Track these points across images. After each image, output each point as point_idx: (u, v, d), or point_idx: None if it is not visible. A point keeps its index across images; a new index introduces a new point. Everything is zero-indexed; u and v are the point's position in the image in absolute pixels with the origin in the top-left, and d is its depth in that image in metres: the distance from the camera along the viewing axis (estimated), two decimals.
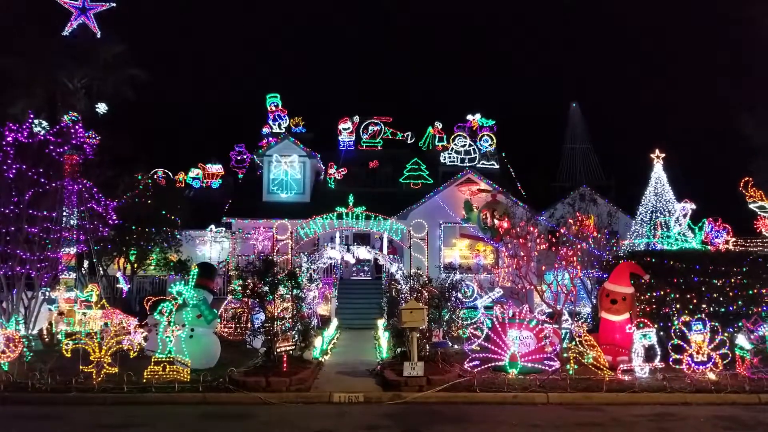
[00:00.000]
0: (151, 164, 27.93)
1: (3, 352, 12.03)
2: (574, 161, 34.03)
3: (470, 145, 28.18)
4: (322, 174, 28.87)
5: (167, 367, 11.56)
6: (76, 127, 18.01)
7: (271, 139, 28.62)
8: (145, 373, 11.48)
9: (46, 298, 17.05)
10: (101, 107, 28.13)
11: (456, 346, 14.47)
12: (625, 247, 17.44)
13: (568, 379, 11.46)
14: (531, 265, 16.75)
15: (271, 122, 30.02)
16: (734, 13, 41.90)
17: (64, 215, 17.29)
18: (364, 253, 21.95)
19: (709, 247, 16.26)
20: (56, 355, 12.63)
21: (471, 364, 12.44)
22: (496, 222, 24.06)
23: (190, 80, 57.30)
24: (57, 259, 17.06)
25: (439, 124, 31.07)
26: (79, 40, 24.98)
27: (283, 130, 29.22)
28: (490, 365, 12.38)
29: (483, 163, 28.03)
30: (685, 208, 16.60)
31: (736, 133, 29.78)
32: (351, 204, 20.61)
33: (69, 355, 11.80)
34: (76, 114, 24.95)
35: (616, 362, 12.40)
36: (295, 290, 13.83)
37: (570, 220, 17.92)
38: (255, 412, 10.14)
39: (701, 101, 47.55)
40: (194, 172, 31.40)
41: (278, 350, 12.54)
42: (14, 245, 15.85)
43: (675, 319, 13.14)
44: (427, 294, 14.13)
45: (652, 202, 17.39)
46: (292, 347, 13.11)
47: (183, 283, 13.42)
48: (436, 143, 30.57)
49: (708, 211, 17.32)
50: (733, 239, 17.16)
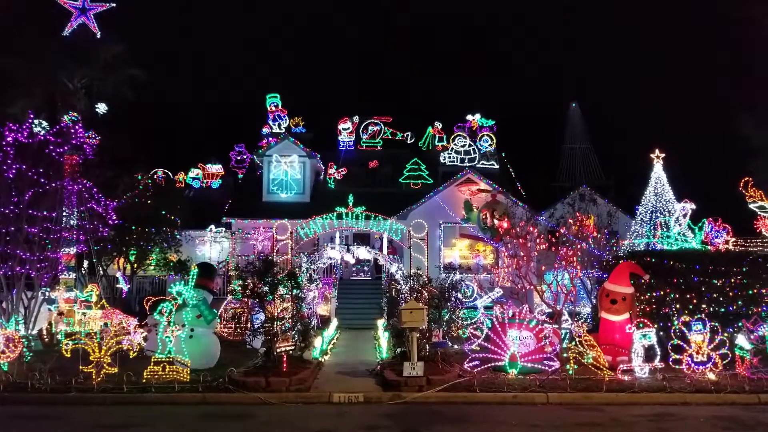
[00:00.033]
0: (150, 164, 27.99)
1: (3, 352, 12.03)
2: (574, 161, 34.03)
3: (470, 145, 28.18)
4: (322, 174, 28.88)
5: (167, 367, 11.57)
6: (76, 127, 18.01)
7: (271, 139, 28.61)
8: (145, 374, 11.48)
9: (46, 298, 17.04)
10: (101, 107, 28.11)
11: (456, 346, 14.46)
12: (625, 247, 17.43)
13: (568, 379, 11.46)
14: (531, 265, 16.76)
15: (271, 122, 30.01)
16: (734, 13, 41.96)
17: (63, 215, 17.29)
18: (363, 253, 21.94)
19: (709, 247, 16.26)
20: (56, 356, 12.61)
21: (471, 364, 12.44)
22: (496, 222, 24.08)
23: (190, 80, 57.38)
24: (57, 259, 17.07)
25: (439, 124, 31.08)
26: (79, 40, 24.93)
27: (283, 130, 29.21)
28: (489, 365, 12.38)
29: (483, 163, 28.03)
30: (685, 208, 16.60)
31: (735, 134, 29.80)
32: (351, 204, 20.61)
33: (69, 356, 11.80)
34: (75, 114, 24.95)
35: (615, 362, 12.41)
36: (294, 290, 13.84)
37: (570, 220, 17.94)
38: (255, 412, 10.14)
39: (701, 101, 47.64)
40: (194, 172, 31.40)
41: (278, 350, 12.54)
42: (14, 245, 15.84)
43: (675, 319, 13.15)
44: (426, 294, 14.13)
45: (652, 202, 17.38)
46: (292, 347, 13.10)
47: (183, 283, 13.43)
48: (436, 143, 30.58)
49: (708, 211, 17.35)
50: (733, 239, 17.17)
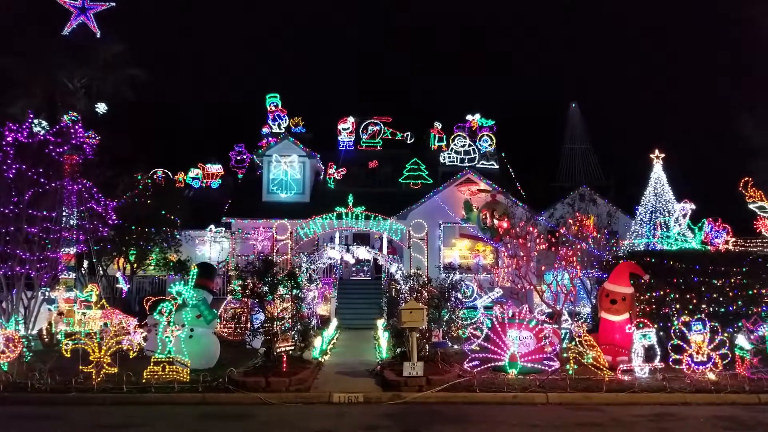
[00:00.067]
0: (150, 164, 28.00)
1: (3, 352, 12.02)
2: (574, 161, 34.02)
3: (470, 145, 28.18)
4: (322, 174, 28.88)
5: (167, 367, 11.57)
6: (76, 127, 18.01)
7: (270, 139, 28.61)
8: (145, 374, 11.48)
9: (46, 298, 17.04)
10: (101, 107, 28.09)
11: (456, 346, 14.46)
12: (625, 247, 17.43)
13: (568, 379, 11.46)
14: (531, 265, 16.78)
15: (270, 122, 30.00)
16: (734, 13, 41.93)
17: (63, 215, 17.29)
18: (363, 254, 21.92)
19: (709, 248, 16.27)
20: (56, 356, 12.61)
21: (471, 364, 12.44)
22: (496, 222, 24.09)
23: (190, 80, 57.36)
24: (57, 259, 17.06)
25: (438, 125, 31.10)
26: (79, 40, 24.93)
27: (283, 130, 29.21)
28: (489, 365, 12.38)
29: (482, 163, 28.04)
30: (685, 208, 16.61)
31: (735, 134, 29.80)
32: (350, 204, 20.58)
33: (68, 356, 11.80)
34: (75, 114, 24.94)
35: (615, 362, 12.41)
36: (294, 290, 13.83)
37: (569, 220, 17.94)
38: (254, 413, 10.14)
39: (701, 101, 47.63)
40: (194, 172, 31.41)
41: (278, 350, 12.54)
42: (14, 245, 15.83)
43: (675, 319, 13.15)
44: (426, 294, 14.13)
45: (652, 202, 17.38)
46: (292, 347, 13.10)
47: (182, 283, 13.43)
48: (436, 143, 30.61)
49: (708, 212, 17.36)
50: (733, 239, 17.18)
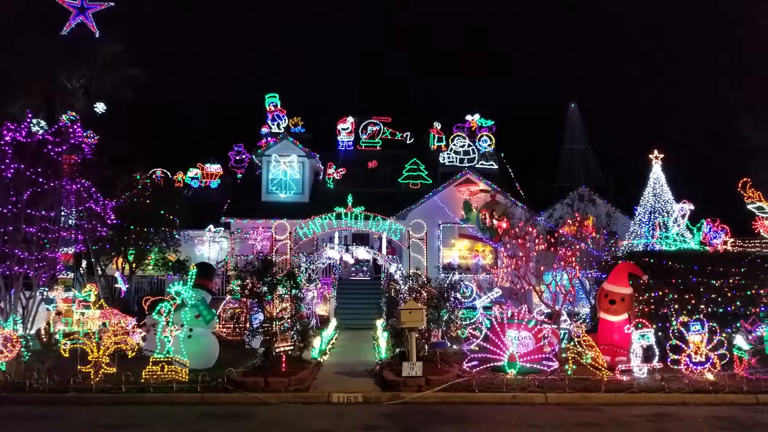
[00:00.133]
0: (149, 164, 27.91)
1: (1, 352, 11.99)
2: (573, 161, 34.08)
3: (469, 146, 28.22)
4: (321, 174, 28.87)
5: (165, 367, 11.56)
6: (75, 127, 17.98)
7: (270, 139, 28.60)
8: (144, 373, 11.47)
9: (44, 297, 17.01)
10: (100, 107, 28.10)
11: (455, 347, 14.46)
12: (624, 248, 17.44)
13: (567, 380, 11.46)
14: (530, 265, 16.80)
15: (270, 122, 30.00)
16: (734, 13, 41.95)
17: (62, 215, 17.27)
18: (362, 254, 21.90)
19: (708, 248, 16.29)
20: (54, 355, 12.59)
21: (470, 365, 12.44)
22: (495, 222, 24.09)
23: (190, 80, 57.26)
24: (55, 259, 17.03)
25: (438, 125, 31.10)
26: (78, 39, 24.93)
27: (282, 130, 29.22)
28: (488, 365, 12.38)
29: (482, 164, 28.07)
30: (684, 208, 16.62)
31: (735, 134, 29.84)
32: (350, 204, 20.60)
33: (67, 355, 11.75)
34: (74, 113, 24.91)
35: (614, 362, 12.41)
36: (293, 290, 13.81)
37: (569, 221, 17.96)
38: (254, 413, 10.13)
39: (701, 101, 47.68)
40: (193, 172, 31.37)
41: (277, 350, 12.52)
42: (12, 245, 15.80)
43: (673, 319, 13.16)
44: (425, 294, 14.11)
45: (651, 202, 17.39)
46: (291, 347, 13.07)
47: (181, 283, 13.42)
48: (435, 143, 30.61)
49: (706, 212, 17.38)
50: (732, 240, 17.22)
